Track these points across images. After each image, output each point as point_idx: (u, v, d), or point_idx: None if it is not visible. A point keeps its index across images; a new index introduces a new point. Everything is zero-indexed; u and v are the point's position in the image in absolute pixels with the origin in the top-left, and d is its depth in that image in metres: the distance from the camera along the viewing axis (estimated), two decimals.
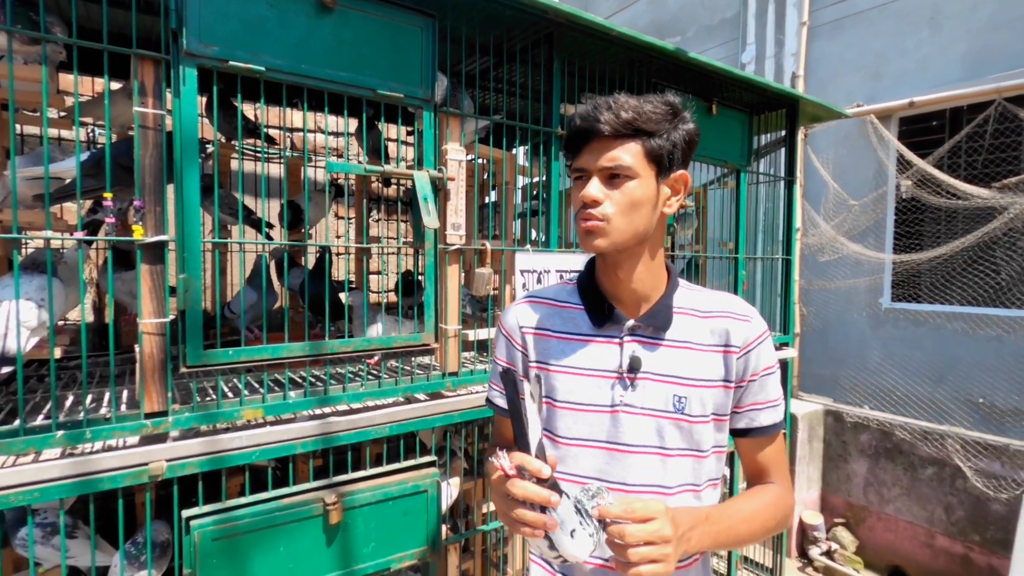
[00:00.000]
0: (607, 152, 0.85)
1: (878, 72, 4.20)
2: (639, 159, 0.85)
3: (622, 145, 0.85)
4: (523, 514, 0.74)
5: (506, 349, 1.02)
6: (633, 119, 0.84)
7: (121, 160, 1.30)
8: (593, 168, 0.87)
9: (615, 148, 0.85)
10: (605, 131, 0.84)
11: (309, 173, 2.87)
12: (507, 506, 0.76)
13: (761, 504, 0.92)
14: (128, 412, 1.29)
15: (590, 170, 0.87)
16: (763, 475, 0.98)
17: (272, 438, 1.40)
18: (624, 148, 0.85)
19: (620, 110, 0.84)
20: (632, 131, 0.84)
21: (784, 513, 0.94)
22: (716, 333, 0.92)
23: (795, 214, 2.90)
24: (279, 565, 1.39)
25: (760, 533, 0.91)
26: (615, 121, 0.84)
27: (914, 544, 3.55)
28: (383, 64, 1.53)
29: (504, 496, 0.76)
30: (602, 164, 0.86)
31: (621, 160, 0.85)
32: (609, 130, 0.84)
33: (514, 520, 0.75)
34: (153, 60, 1.25)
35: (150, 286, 1.26)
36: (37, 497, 1.13)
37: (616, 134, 0.84)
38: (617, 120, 0.84)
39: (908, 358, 3.91)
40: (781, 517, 0.93)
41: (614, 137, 0.85)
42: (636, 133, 0.85)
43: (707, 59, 2.15)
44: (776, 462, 0.97)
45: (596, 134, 0.85)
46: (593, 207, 0.86)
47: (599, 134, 0.85)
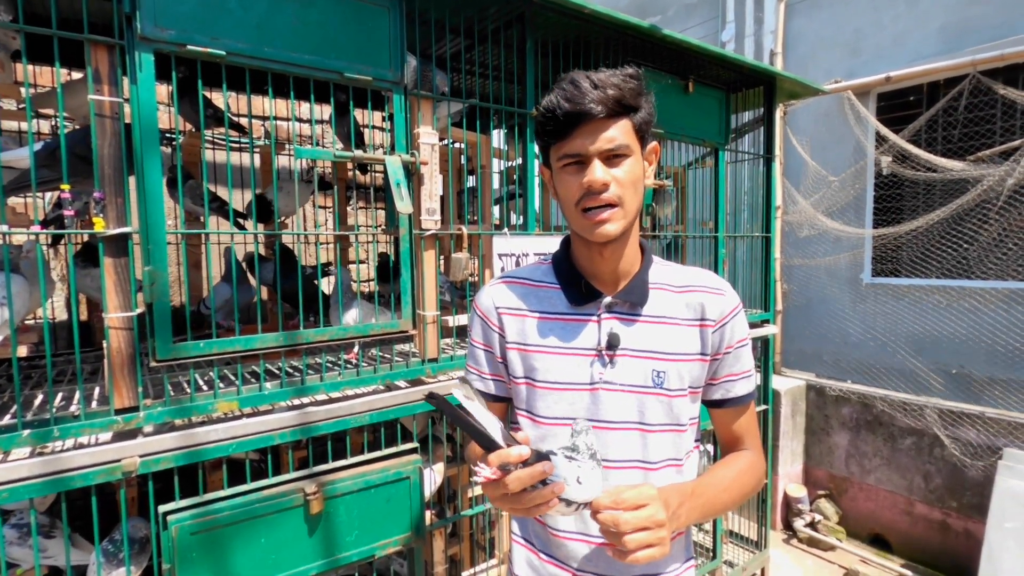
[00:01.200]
0: (603, 133, 0.83)
1: (856, 48, 4.20)
2: (631, 136, 0.85)
3: (616, 124, 0.83)
4: (533, 498, 0.73)
5: (482, 331, 1.00)
6: (621, 96, 0.82)
7: (77, 150, 1.26)
8: (592, 151, 0.84)
9: (610, 128, 0.83)
10: (599, 112, 0.82)
11: (283, 162, 2.82)
12: (514, 502, 0.75)
13: (737, 471, 0.95)
14: (98, 409, 1.27)
15: (588, 154, 0.84)
16: (738, 443, 1.00)
17: (249, 430, 1.39)
18: (618, 127, 0.83)
19: (606, 88, 0.82)
20: (624, 108, 0.83)
21: (758, 477, 0.98)
22: (692, 307, 0.93)
23: (774, 192, 2.91)
24: (260, 557, 1.38)
25: (738, 499, 0.94)
26: (607, 100, 0.82)
27: (894, 512, 3.64)
28: (350, 46, 1.49)
29: (505, 497, 0.75)
30: (602, 146, 0.83)
31: (620, 139, 0.83)
32: (602, 110, 0.82)
33: (530, 509, 0.75)
34: (107, 46, 1.21)
35: (115, 280, 1.23)
36: (6, 497, 1.11)
37: (610, 114, 0.83)
38: (608, 99, 0.82)
39: (888, 332, 3.97)
40: (755, 481, 0.97)
41: (607, 117, 0.83)
42: (627, 109, 0.84)
43: (682, 36, 2.13)
44: (749, 430, 1.00)
45: (588, 116, 0.82)
46: (604, 191, 0.84)
47: (591, 116, 0.82)
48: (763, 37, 4.83)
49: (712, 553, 2.77)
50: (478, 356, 1.01)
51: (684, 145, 2.55)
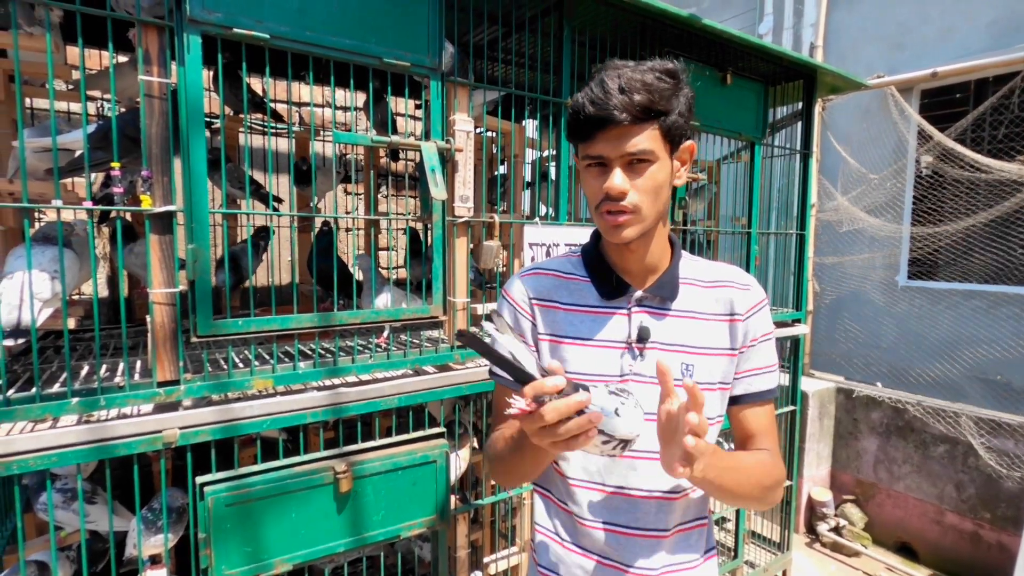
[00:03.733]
0: (628, 139, 0.81)
1: (900, 42, 4.06)
2: (658, 142, 0.83)
3: (641, 130, 0.81)
4: (570, 427, 0.69)
5: (514, 319, 1.00)
6: (648, 102, 0.80)
7: (128, 131, 1.29)
8: (614, 156, 0.83)
9: (635, 134, 0.81)
10: (624, 120, 0.80)
11: (317, 148, 2.86)
12: (551, 435, 0.71)
13: (756, 462, 0.91)
14: (141, 381, 1.31)
15: (610, 158, 0.83)
16: (754, 442, 0.97)
17: (283, 407, 1.42)
18: (644, 133, 0.81)
19: (633, 93, 0.79)
20: (650, 114, 0.81)
21: (776, 478, 0.92)
22: (721, 302, 0.93)
23: (810, 189, 2.84)
24: (290, 531, 1.42)
25: (751, 490, 0.88)
26: (632, 107, 0.79)
27: (923, 521, 3.54)
28: (389, 31, 1.51)
29: (540, 431, 0.71)
30: (624, 152, 0.82)
31: (644, 146, 0.82)
32: (628, 118, 0.80)
33: (567, 440, 0.70)
34: (157, 27, 1.24)
35: (159, 256, 1.27)
36: (55, 461, 1.16)
37: (634, 120, 0.80)
38: (633, 105, 0.79)
39: (924, 336, 3.86)
40: (772, 483, 0.91)
41: (633, 122, 0.80)
42: (655, 115, 0.81)
43: (721, 26, 2.09)
44: (767, 430, 0.97)
45: (613, 122, 0.80)
46: (621, 198, 0.83)
47: (616, 122, 0.80)
48: (802, 30, 4.71)
49: (734, 552, 2.74)
50: None
51: (719, 139, 2.50)
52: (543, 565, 1.02)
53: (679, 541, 0.95)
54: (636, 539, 0.92)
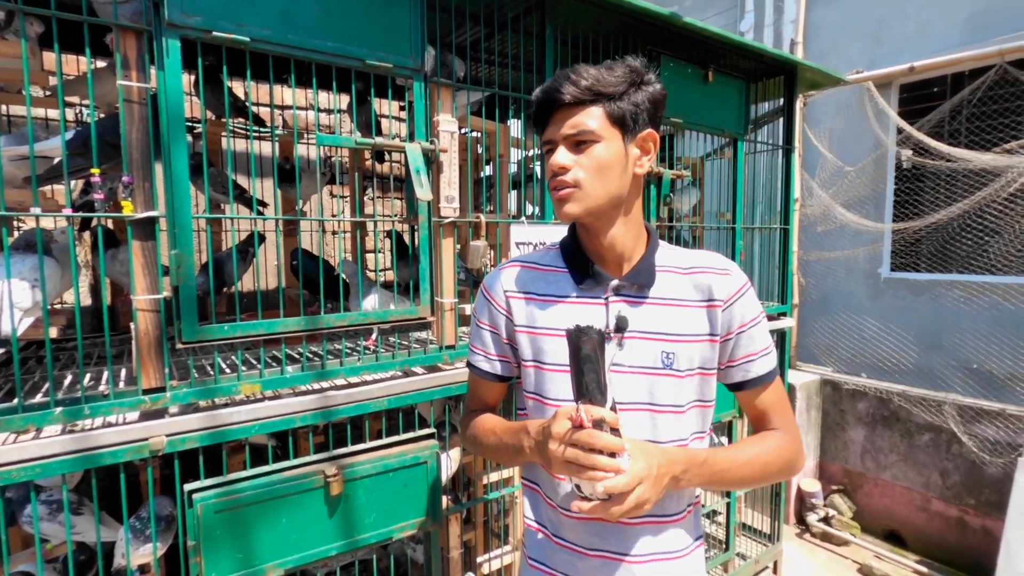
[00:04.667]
0: (570, 118, 0.87)
1: (879, 38, 4.12)
2: (602, 122, 0.87)
3: (584, 111, 0.86)
4: (599, 460, 0.75)
5: (489, 313, 1.02)
6: (592, 85, 0.85)
7: (107, 137, 1.28)
8: (558, 137, 0.89)
9: (577, 114, 0.87)
10: (566, 99, 0.86)
11: (301, 151, 2.84)
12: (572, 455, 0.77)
13: (762, 449, 0.94)
14: (126, 389, 1.30)
15: (556, 139, 0.89)
16: (766, 422, 0.99)
17: (271, 412, 1.41)
18: (586, 113, 0.86)
19: (580, 78, 0.86)
20: (593, 96, 0.86)
21: (789, 456, 0.95)
22: (699, 288, 0.94)
23: (793, 183, 2.87)
24: (282, 536, 1.41)
25: (761, 476, 0.93)
26: (574, 89, 0.85)
27: (910, 509, 3.60)
28: (371, 33, 1.50)
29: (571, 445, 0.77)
30: (566, 131, 0.87)
31: (584, 125, 0.86)
32: (570, 98, 0.86)
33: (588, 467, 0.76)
34: (135, 32, 1.23)
35: (142, 263, 1.26)
36: (39, 472, 1.15)
37: (577, 101, 0.86)
38: (576, 88, 0.85)
39: (907, 327, 3.92)
40: (785, 462, 0.95)
41: (576, 104, 0.86)
42: (597, 98, 0.86)
43: (702, 24, 2.10)
44: (777, 407, 0.98)
45: (558, 104, 0.87)
46: (562, 174, 0.88)
47: (561, 103, 0.87)
48: (783, 27, 4.75)
49: (725, 545, 2.77)
50: (484, 337, 1.03)
51: (703, 136, 2.52)
52: (533, 558, 1.03)
53: (665, 529, 0.96)
54: (620, 527, 0.93)
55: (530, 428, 0.86)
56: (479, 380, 1.07)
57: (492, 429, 1.00)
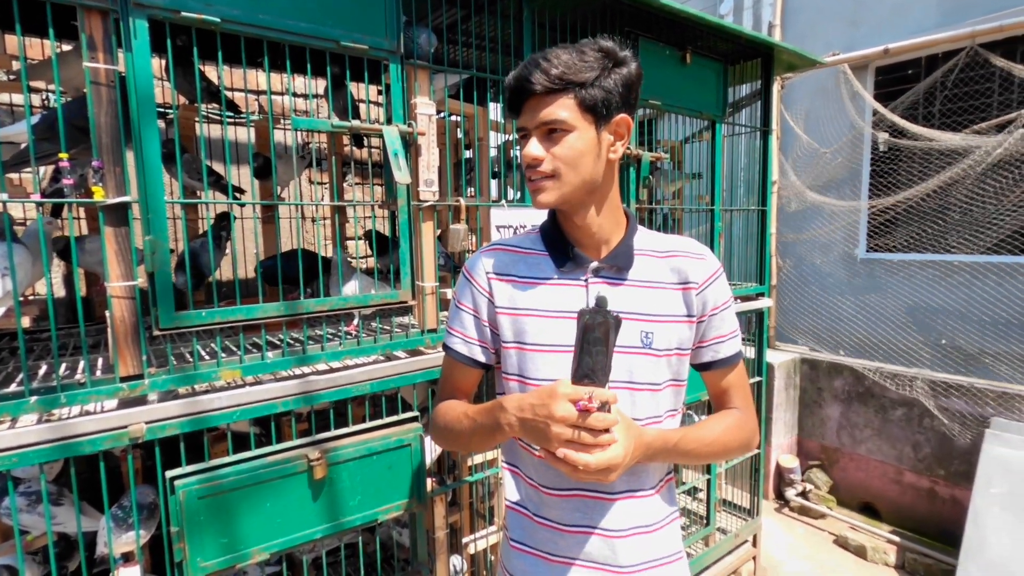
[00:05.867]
0: (542, 109, 0.87)
1: (856, 20, 4.16)
2: (573, 112, 0.87)
3: (555, 100, 0.86)
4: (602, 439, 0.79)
5: (471, 295, 1.02)
6: (562, 73, 0.85)
7: (75, 121, 1.25)
8: (531, 126, 0.89)
9: (549, 104, 0.87)
10: (537, 89, 0.86)
11: (278, 137, 2.80)
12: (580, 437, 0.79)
13: (724, 428, 0.99)
14: (103, 377, 1.28)
15: (529, 128, 0.90)
16: (727, 401, 1.04)
17: (252, 398, 1.41)
18: (557, 103, 0.86)
19: (551, 66, 0.85)
20: (563, 85, 0.86)
21: (746, 435, 1.02)
22: (675, 271, 0.97)
23: (771, 165, 2.91)
24: (266, 520, 1.42)
25: (721, 454, 1.00)
26: (545, 79, 0.85)
27: (884, 481, 3.72)
28: (346, 14, 1.48)
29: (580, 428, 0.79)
30: (538, 121, 0.88)
31: (556, 115, 0.86)
32: (541, 88, 0.86)
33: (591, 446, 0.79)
34: (100, 12, 1.19)
35: (116, 249, 1.24)
36: (15, 462, 1.14)
37: (548, 90, 0.86)
38: (547, 77, 0.85)
39: (882, 306, 4.01)
40: (744, 438, 1.01)
41: (547, 93, 0.86)
42: (568, 86, 0.86)
43: (679, 5, 2.11)
44: (739, 388, 1.04)
45: (530, 92, 0.87)
46: (536, 164, 0.89)
47: (532, 92, 0.87)
48: (762, 9, 4.77)
49: (706, 520, 2.84)
50: (464, 320, 1.03)
51: (682, 119, 2.54)
52: (514, 539, 1.04)
53: (643, 503, 0.98)
54: (601, 503, 0.96)
55: (507, 404, 0.86)
56: (454, 364, 1.05)
57: (464, 413, 0.99)
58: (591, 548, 0.96)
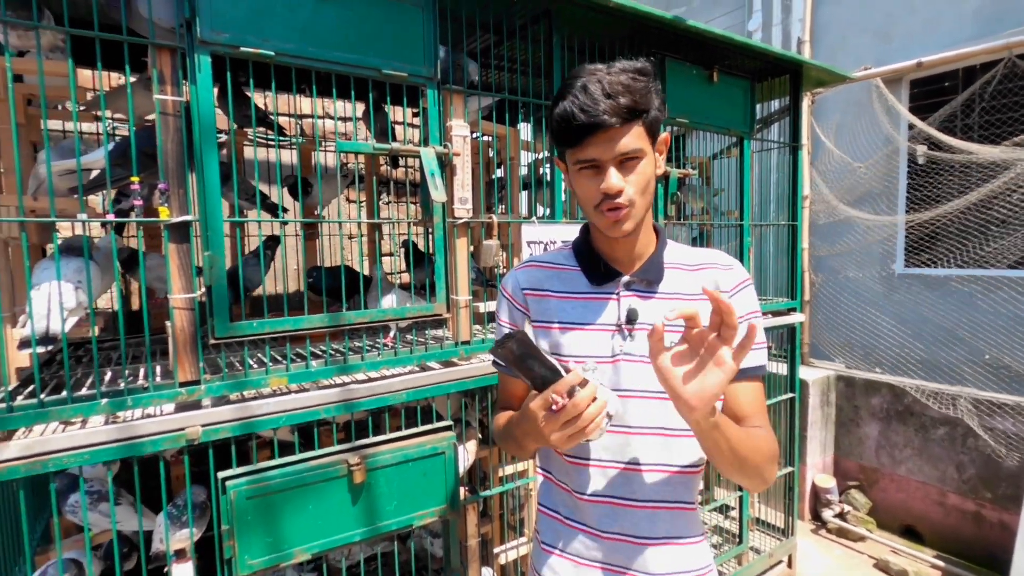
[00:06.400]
0: (618, 140, 0.87)
1: (887, 34, 4.13)
2: (643, 139, 0.89)
3: (629, 130, 0.87)
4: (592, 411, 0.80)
5: (508, 312, 1.08)
6: (633, 104, 0.85)
7: (144, 148, 1.37)
8: (607, 158, 0.88)
9: (624, 134, 0.87)
10: (613, 123, 0.85)
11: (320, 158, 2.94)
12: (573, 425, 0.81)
13: (754, 434, 0.93)
14: (163, 382, 1.38)
15: (604, 160, 0.88)
16: (744, 419, 0.97)
17: (297, 404, 1.49)
18: (632, 133, 0.87)
19: (619, 96, 0.85)
20: (635, 115, 0.86)
21: (772, 451, 0.94)
22: (706, 284, 0.97)
23: (801, 180, 2.91)
24: (308, 522, 1.49)
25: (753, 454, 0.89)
26: (620, 109, 0.85)
27: (926, 503, 3.59)
28: (386, 44, 1.58)
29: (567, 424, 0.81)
30: (616, 153, 0.87)
31: (633, 145, 0.87)
32: (617, 121, 0.85)
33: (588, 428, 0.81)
34: (169, 49, 1.32)
35: (178, 264, 1.34)
36: (87, 459, 1.23)
37: (623, 122, 0.86)
38: (621, 108, 0.85)
39: (922, 323, 3.91)
40: (770, 453, 0.93)
41: (621, 124, 0.86)
42: (639, 115, 0.87)
43: (705, 26, 2.16)
44: (755, 406, 0.97)
45: (603, 127, 0.85)
46: (618, 196, 0.89)
47: (605, 126, 0.85)
48: (791, 25, 4.77)
49: (739, 538, 2.79)
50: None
51: (711, 136, 2.57)
52: (545, 542, 1.07)
53: (678, 515, 0.98)
54: (634, 510, 0.97)
55: (528, 413, 0.87)
56: (506, 378, 1.12)
57: (508, 421, 1.04)
58: (621, 554, 0.97)
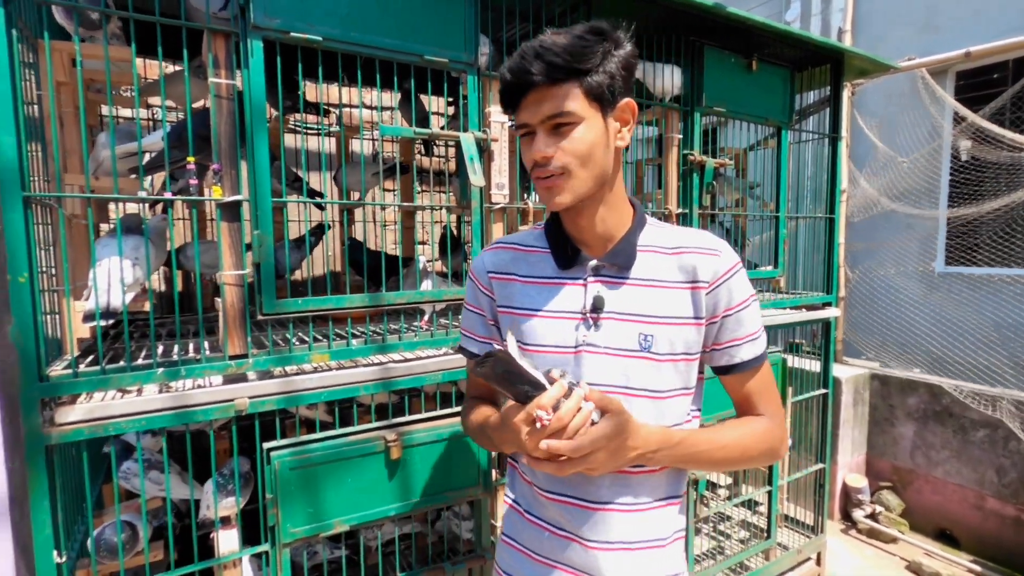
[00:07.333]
0: (546, 102, 0.80)
1: (932, 24, 4.00)
2: (580, 101, 0.80)
3: (560, 91, 0.79)
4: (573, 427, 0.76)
5: (474, 295, 1.02)
6: (565, 61, 0.78)
7: (199, 131, 1.43)
8: (535, 122, 0.82)
9: (553, 96, 0.80)
10: (538, 80, 0.79)
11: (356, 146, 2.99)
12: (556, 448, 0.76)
13: (742, 434, 0.91)
14: (213, 356, 1.44)
15: (533, 124, 0.83)
16: (750, 408, 0.95)
17: (338, 381, 1.54)
18: (562, 94, 0.79)
19: (550, 54, 0.78)
20: (567, 73, 0.79)
21: (769, 444, 0.92)
22: (684, 269, 0.90)
23: (839, 172, 2.85)
24: (347, 495, 1.54)
25: (739, 460, 0.91)
26: (546, 68, 0.78)
27: (963, 507, 3.50)
28: (428, 31, 1.61)
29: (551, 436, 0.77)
30: (543, 115, 0.81)
31: (562, 107, 0.80)
32: (542, 78, 0.79)
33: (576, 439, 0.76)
34: (224, 35, 1.37)
35: (229, 242, 1.40)
36: (144, 425, 1.30)
37: (551, 81, 0.79)
38: (548, 66, 0.78)
39: (962, 322, 3.79)
40: (764, 447, 0.91)
41: (550, 84, 0.79)
42: (571, 75, 0.79)
43: (747, 13, 2.13)
44: (762, 393, 0.94)
45: (530, 85, 0.80)
46: (545, 164, 0.83)
47: (533, 85, 0.80)
48: (831, 16, 4.66)
49: (766, 533, 2.77)
50: (472, 320, 1.03)
51: (746, 126, 2.54)
52: (506, 534, 1.04)
53: (639, 518, 0.92)
54: (589, 511, 0.91)
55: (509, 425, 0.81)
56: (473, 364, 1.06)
57: (484, 422, 0.97)
58: (572, 555, 0.92)
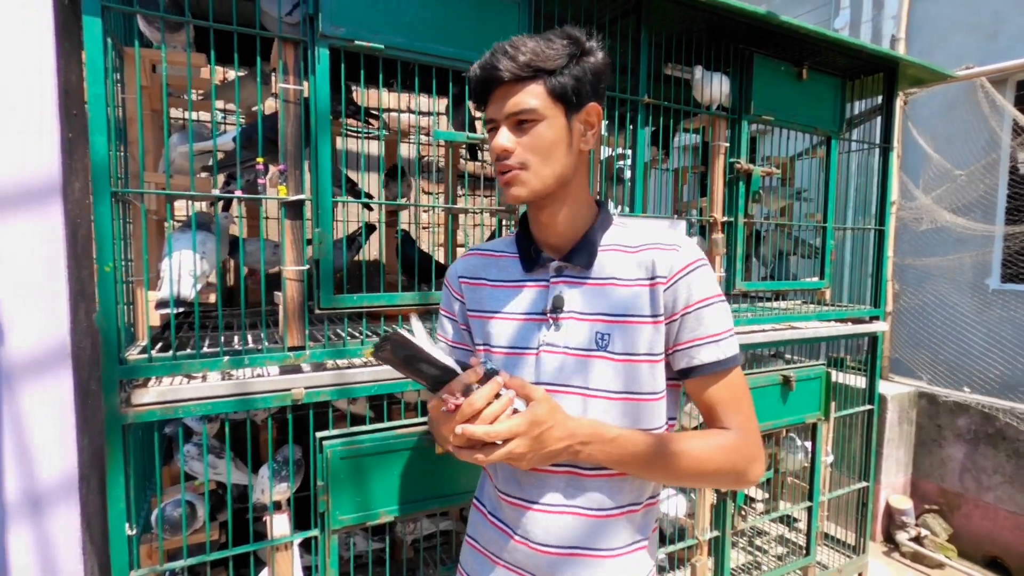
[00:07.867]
0: (511, 98, 0.83)
1: (993, 32, 3.86)
2: (543, 100, 0.83)
3: (524, 88, 0.82)
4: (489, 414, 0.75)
5: (447, 300, 1.05)
6: (531, 60, 0.81)
7: (267, 133, 1.51)
8: (500, 117, 0.85)
9: (517, 93, 0.83)
10: (505, 77, 0.82)
11: (403, 151, 3.08)
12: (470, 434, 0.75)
13: (701, 446, 0.85)
14: (272, 347, 1.52)
15: (498, 119, 0.85)
16: (714, 419, 0.89)
17: (388, 375, 1.59)
18: (526, 91, 0.82)
19: (518, 53, 0.81)
20: (532, 72, 0.81)
21: (734, 462, 0.85)
22: (643, 266, 0.88)
23: (890, 184, 2.78)
24: (392, 485, 1.58)
25: (696, 474, 0.85)
26: (513, 65, 0.81)
27: (1017, 535, 3.34)
28: (484, 39, 1.66)
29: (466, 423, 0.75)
30: (507, 111, 0.83)
31: (525, 104, 0.82)
32: (509, 75, 0.81)
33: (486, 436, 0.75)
34: (293, 42, 1.45)
35: (291, 239, 1.47)
36: (210, 409, 1.38)
37: (516, 78, 0.82)
38: (515, 64, 0.81)
39: (1018, 342, 3.64)
40: (729, 465, 0.85)
41: (515, 81, 0.82)
42: (536, 74, 0.82)
43: (800, 22, 2.12)
44: (728, 404, 0.87)
45: (497, 81, 0.83)
46: (505, 157, 0.85)
47: (500, 81, 0.83)
48: (882, 23, 4.55)
49: (805, 550, 2.71)
50: (445, 325, 1.06)
51: (792, 135, 2.51)
52: (468, 534, 1.05)
53: (595, 524, 0.90)
54: (545, 515, 0.90)
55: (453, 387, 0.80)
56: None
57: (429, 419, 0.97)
58: (527, 560, 0.92)
